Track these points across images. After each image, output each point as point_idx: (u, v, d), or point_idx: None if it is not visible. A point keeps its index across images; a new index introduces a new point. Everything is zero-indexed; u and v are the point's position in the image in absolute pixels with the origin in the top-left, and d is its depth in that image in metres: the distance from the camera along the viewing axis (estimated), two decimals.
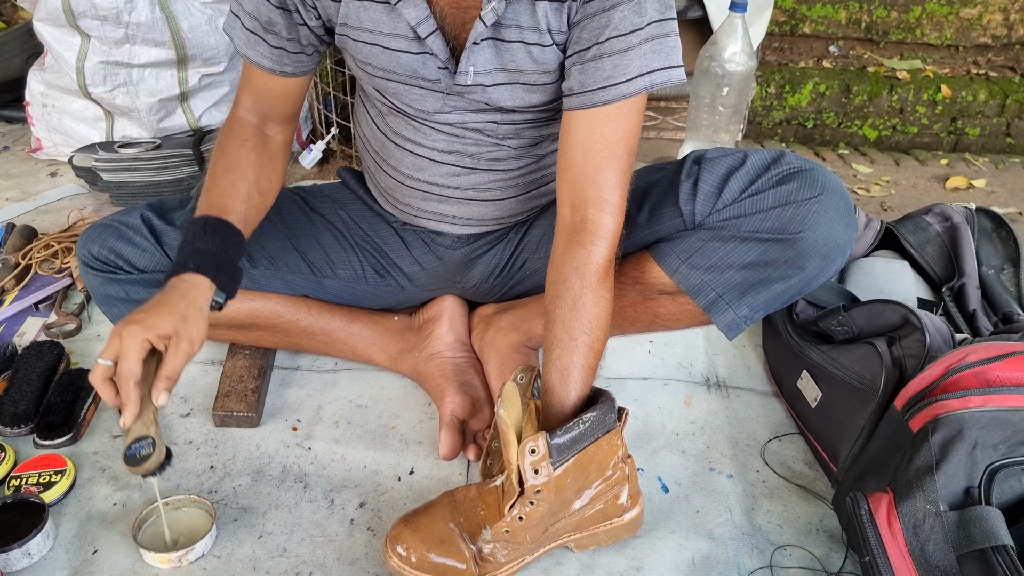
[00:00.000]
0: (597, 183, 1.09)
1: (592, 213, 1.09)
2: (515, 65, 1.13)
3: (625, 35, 1.06)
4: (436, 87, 1.18)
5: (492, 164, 1.28)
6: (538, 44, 1.11)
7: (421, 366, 1.42)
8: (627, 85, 1.08)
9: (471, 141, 1.25)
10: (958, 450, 1.02)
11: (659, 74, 1.09)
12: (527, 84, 1.15)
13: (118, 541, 1.16)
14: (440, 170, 1.29)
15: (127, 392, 0.99)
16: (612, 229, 1.10)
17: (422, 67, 1.15)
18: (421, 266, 1.43)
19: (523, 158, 1.29)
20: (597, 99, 1.08)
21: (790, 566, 1.17)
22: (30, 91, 2.13)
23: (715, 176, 1.20)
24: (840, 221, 1.15)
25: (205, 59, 1.96)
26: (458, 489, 1.13)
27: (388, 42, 1.14)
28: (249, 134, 1.25)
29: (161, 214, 1.31)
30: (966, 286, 1.43)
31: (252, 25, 1.18)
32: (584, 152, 1.10)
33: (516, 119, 1.22)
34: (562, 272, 1.09)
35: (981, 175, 3.04)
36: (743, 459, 1.35)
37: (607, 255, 1.10)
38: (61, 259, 1.72)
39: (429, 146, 1.26)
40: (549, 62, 1.12)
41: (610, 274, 1.11)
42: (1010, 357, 1.08)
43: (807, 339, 1.37)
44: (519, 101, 1.17)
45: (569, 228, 1.11)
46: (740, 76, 1.86)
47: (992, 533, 0.96)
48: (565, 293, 1.08)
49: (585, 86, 1.09)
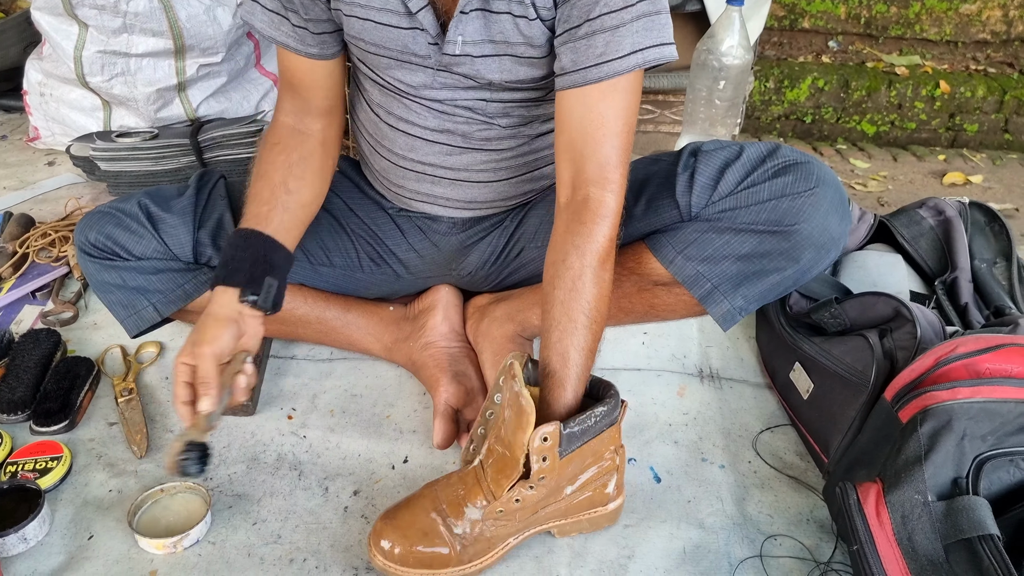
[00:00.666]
0: (597, 160, 1.09)
1: (594, 192, 1.09)
2: (503, 36, 1.13)
3: (616, 11, 1.06)
4: (426, 63, 1.18)
5: (483, 144, 1.29)
6: (524, 17, 1.11)
7: (416, 356, 1.43)
8: (620, 62, 1.07)
9: (461, 119, 1.25)
10: (946, 441, 1.03)
11: (652, 51, 1.08)
12: (515, 56, 1.15)
13: (113, 527, 1.16)
14: (432, 149, 1.29)
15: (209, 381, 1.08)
16: (614, 208, 1.10)
17: (412, 42, 1.15)
18: (417, 253, 1.43)
19: (514, 138, 1.30)
20: (591, 76, 1.08)
21: (780, 555, 1.17)
22: (28, 80, 2.13)
23: (711, 168, 1.21)
24: (835, 214, 1.16)
25: (203, 49, 1.96)
26: (438, 480, 1.14)
27: (379, 16, 1.14)
28: (280, 136, 1.27)
29: (158, 202, 1.32)
30: (958, 279, 1.43)
31: (273, 5, 1.19)
32: (582, 130, 1.10)
33: (505, 97, 1.23)
34: (562, 251, 1.09)
35: (978, 171, 3.05)
36: (735, 450, 1.36)
37: (609, 235, 1.09)
38: (58, 248, 1.73)
39: (421, 125, 1.27)
40: (535, 36, 1.12)
41: (611, 256, 1.11)
42: (999, 349, 1.09)
43: (800, 331, 1.38)
44: (507, 74, 1.17)
45: (570, 207, 1.10)
46: (737, 70, 1.87)
47: (979, 523, 0.97)
48: (565, 273, 1.07)
49: (578, 64, 1.08)
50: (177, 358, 1.09)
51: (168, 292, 1.31)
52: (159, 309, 1.32)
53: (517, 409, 1.02)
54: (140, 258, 1.29)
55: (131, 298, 1.31)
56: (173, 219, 1.30)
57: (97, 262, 1.29)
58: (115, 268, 1.29)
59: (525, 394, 1.01)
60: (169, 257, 1.30)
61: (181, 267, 1.32)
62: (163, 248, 1.29)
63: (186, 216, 1.31)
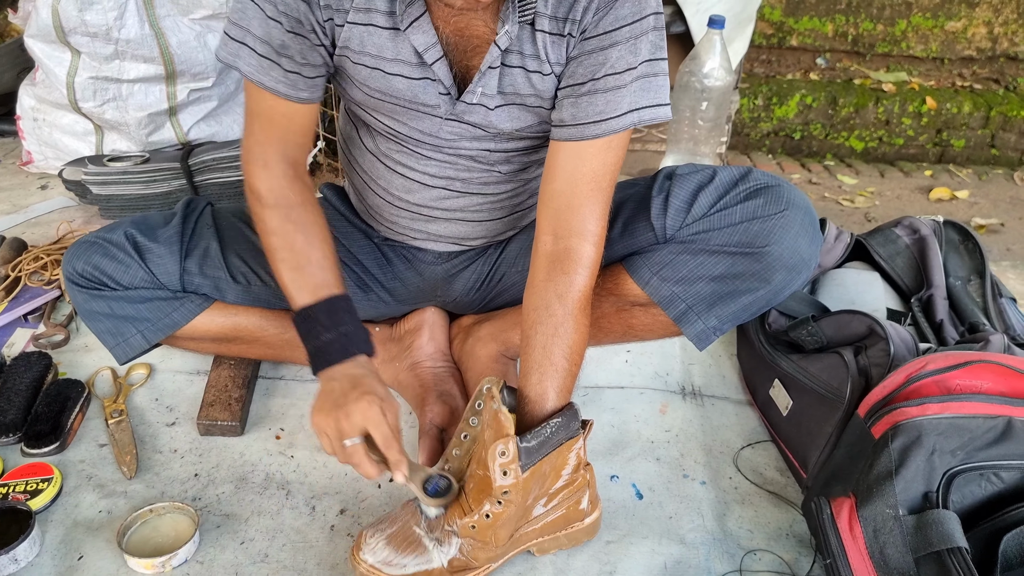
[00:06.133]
0: (581, 214, 1.13)
1: (575, 243, 1.12)
2: (513, 89, 1.16)
3: (619, 73, 1.09)
4: (435, 112, 1.19)
5: (481, 188, 1.31)
6: (538, 72, 1.14)
7: (402, 376, 1.45)
8: (617, 120, 1.11)
9: (463, 167, 1.28)
10: (916, 456, 1.05)
11: (647, 111, 1.12)
12: (523, 106, 1.18)
13: (103, 547, 1.18)
14: (430, 193, 1.31)
15: (397, 452, 1.07)
16: (594, 258, 1.13)
17: (422, 92, 1.17)
18: (402, 282, 1.45)
19: (511, 182, 1.33)
20: (588, 133, 1.12)
21: (760, 570, 1.19)
22: (21, 105, 2.15)
23: (685, 191, 1.24)
24: (804, 236, 1.19)
25: (193, 74, 1.99)
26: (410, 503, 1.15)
27: (389, 67, 1.15)
28: (297, 192, 1.21)
29: (144, 231, 1.32)
30: (934, 297, 1.45)
31: (264, 50, 1.13)
32: (571, 183, 1.13)
33: (508, 146, 1.25)
34: (544, 299, 1.12)
35: (965, 186, 3.07)
36: (716, 466, 1.37)
37: (588, 283, 1.13)
38: (50, 271, 1.74)
39: (421, 170, 1.29)
40: (547, 89, 1.15)
41: (589, 302, 1.14)
42: (968, 366, 1.11)
43: (779, 349, 1.40)
44: (517, 123, 1.20)
45: (551, 256, 1.13)
46: (719, 91, 1.90)
47: (948, 536, 0.99)
48: (547, 320, 1.10)
49: (577, 119, 1.12)
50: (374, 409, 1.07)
51: (156, 320, 1.32)
52: (147, 337, 1.33)
53: (497, 428, 1.04)
54: (127, 287, 1.30)
55: (119, 326, 1.32)
56: (160, 248, 1.30)
57: (85, 291, 1.30)
58: (103, 297, 1.30)
59: (504, 412, 1.03)
60: (156, 286, 1.31)
61: (168, 296, 1.32)
62: (150, 277, 1.30)
63: (173, 246, 1.31)
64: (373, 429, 1.06)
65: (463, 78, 1.16)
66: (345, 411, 1.06)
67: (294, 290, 1.17)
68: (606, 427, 1.43)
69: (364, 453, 1.06)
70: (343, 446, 1.06)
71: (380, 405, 1.07)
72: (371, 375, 1.12)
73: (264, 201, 1.20)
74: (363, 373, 1.12)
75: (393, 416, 1.09)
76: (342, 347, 1.14)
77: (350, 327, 1.15)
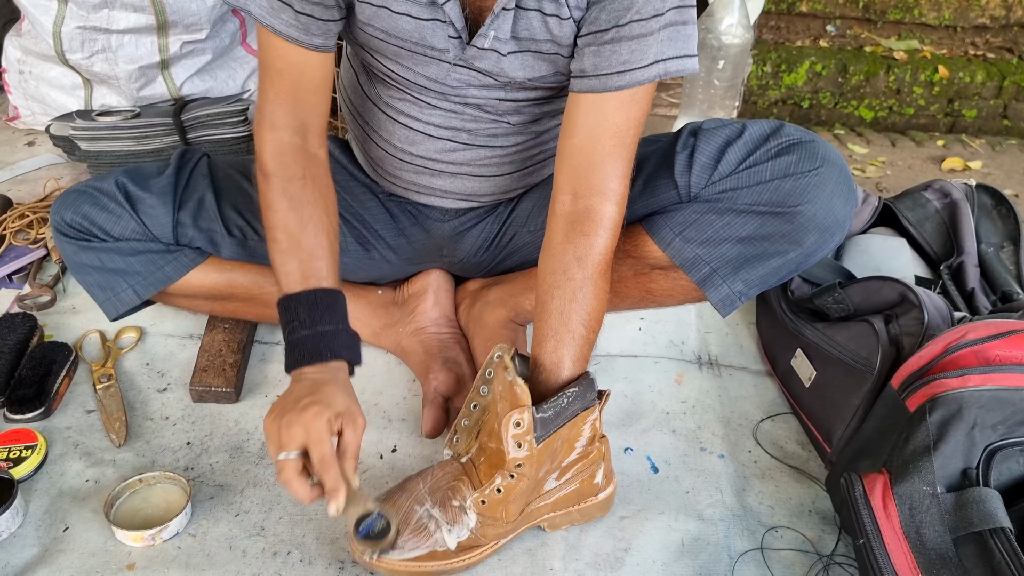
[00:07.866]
0: (603, 171, 1.06)
1: (596, 202, 1.06)
2: (528, 34, 1.08)
3: (646, 19, 1.02)
4: (443, 57, 1.12)
5: (489, 140, 1.24)
6: (556, 16, 1.06)
7: (405, 341, 1.39)
8: (642, 72, 1.04)
9: (469, 117, 1.21)
10: (956, 430, 1.00)
11: (674, 63, 1.05)
12: (538, 53, 1.10)
13: (90, 518, 1.13)
14: (435, 145, 1.24)
15: (334, 478, 0.94)
16: (616, 219, 1.07)
17: (430, 34, 1.09)
18: (407, 239, 1.39)
19: (521, 134, 1.26)
20: (611, 84, 1.05)
21: (781, 548, 1.14)
22: (7, 58, 2.08)
23: (712, 147, 1.17)
24: (840, 195, 1.13)
25: (186, 25, 1.91)
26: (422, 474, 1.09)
27: (396, 5, 1.07)
28: (300, 165, 1.12)
29: (137, 180, 1.27)
30: (965, 264, 1.40)
31: None
32: (592, 138, 1.06)
33: (519, 96, 1.18)
34: (561, 262, 1.05)
35: (977, 156, 3.03)
36: (735, 439, 1.32)
37: (609, 246, 1.07)
38: (36, 230, 1.68)
39: (425, 120, 1.22)
40: (565, 35, 1.08)
41: (610, 266, 1.08)
42: (1010, 335, 1.06)
43: (802, 317, 1.35)
44: (529, 71, 1.12)
45: (571, 216, 1.07)
46: (736, 49, 1.83)
47: (990, 515, 0.94)
48: (565, 283, 1.04)
49: (599, 69, 1.05)
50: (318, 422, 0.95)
51: (147, 274, 1.28)
52: (138, 292, 1.29)
53: (512, 399, 0.98)
54: (118, 239, 1.25)
55: (109, 280, 1.27)
56: (152, 199, 1.25)
57: (74, 243, 1.25)
58: (92, 249, 1.25)
59: (520, 382, 0.97)
60: (148, 238, 1.26)
61: (160, 248, 1.28)
62: (142, 229, 1.25)
63: (166, 196, 1.26)
64: (312, 445, 0.95)
65: (475, 20, 1.08)
66: (288, 419, 0.96)
67: (281, 275, 1.09)
68: (619, 397, 1.38)
69: (295, 471, 0.95)
70: (277, 459, 0.96)
71: (330, 419, 0.96)
72: (336, 384, 1.02)
73: (265, 168, 1.11)
74: (327, 380, 1.01)
75: (354, 434, 0.98)
76: (314, 348, 1.04)
77: (330, 327, 1.05)
